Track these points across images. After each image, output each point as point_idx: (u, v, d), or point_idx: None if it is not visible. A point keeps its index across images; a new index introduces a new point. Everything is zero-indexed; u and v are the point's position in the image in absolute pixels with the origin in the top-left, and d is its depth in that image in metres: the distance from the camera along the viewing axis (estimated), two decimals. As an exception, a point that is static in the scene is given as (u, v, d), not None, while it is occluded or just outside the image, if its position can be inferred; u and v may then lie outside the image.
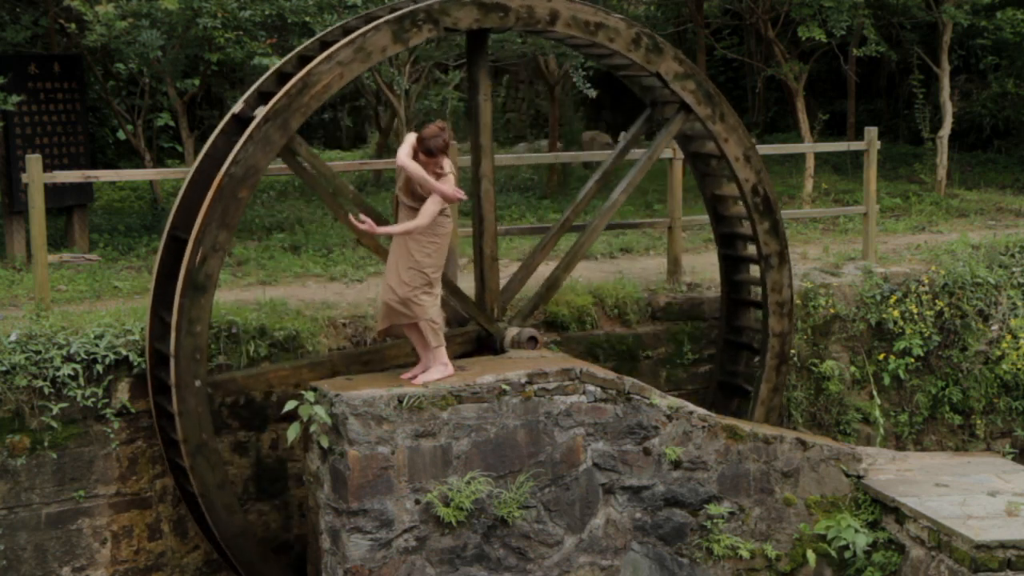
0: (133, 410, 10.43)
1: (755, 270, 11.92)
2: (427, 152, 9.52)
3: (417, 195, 9.63)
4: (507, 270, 13.63)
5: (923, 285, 13.13)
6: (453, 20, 10.20)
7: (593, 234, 11.58)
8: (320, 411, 9.29)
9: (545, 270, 11.82)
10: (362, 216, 9.64)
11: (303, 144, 10.19)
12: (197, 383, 9.66)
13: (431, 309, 9.68)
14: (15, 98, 13.61)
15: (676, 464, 10.16)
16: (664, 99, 11.54)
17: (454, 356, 10.16)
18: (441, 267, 9.77)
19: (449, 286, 10.43)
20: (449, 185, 9.54)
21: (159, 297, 10.10)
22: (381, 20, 10.07)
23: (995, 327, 13.40)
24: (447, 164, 9.67)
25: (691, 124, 11.53)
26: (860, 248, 14.02)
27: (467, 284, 11.21)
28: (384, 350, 10.45)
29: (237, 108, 10.36)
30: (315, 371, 10.27)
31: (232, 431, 10.86)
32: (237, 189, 9.66)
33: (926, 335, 13.08)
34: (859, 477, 10.63)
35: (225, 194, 9.62)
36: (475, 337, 10.81)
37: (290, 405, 9.47)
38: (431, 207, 9.48)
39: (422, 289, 9.60)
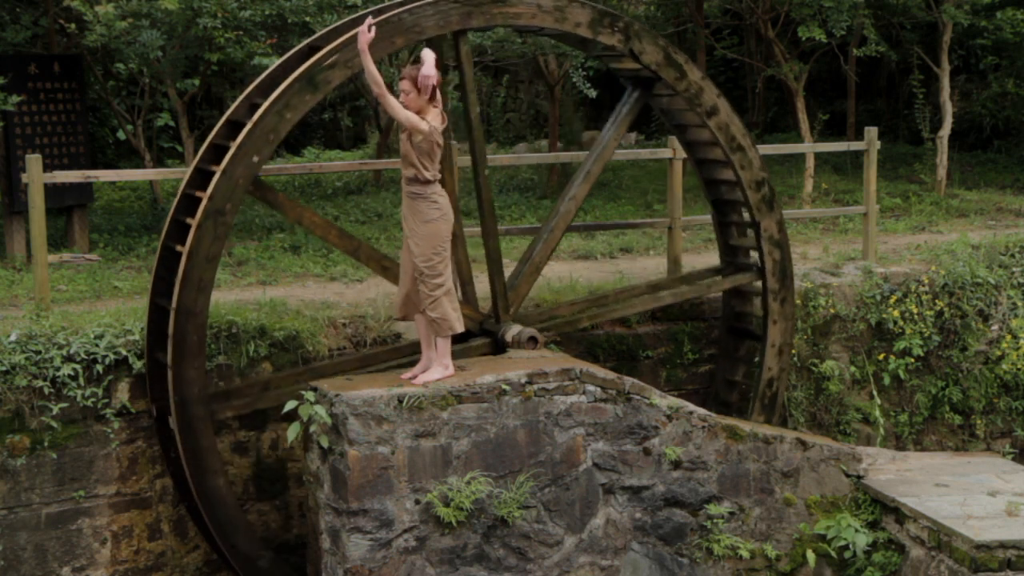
0: (133, 410, 10.44)
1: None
2: (414, 83, 9.54)
3: (409, 161, 9.57)
4: (507, 270, 13.65)
5: (923, 285, 13.13)
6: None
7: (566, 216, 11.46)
8: (320, 411, 9.30)
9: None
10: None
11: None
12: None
13: (448, 312, 9.63)
14: (15, 98, 13.62)
15: (676, 464, 10.16)
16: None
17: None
18: (447, 269, 9.66)
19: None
20: (411, 116, 9.44)
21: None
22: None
23: (995, 327, 13.41)
24: (433, 113, 9.58)
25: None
26: (860, 248, 14.02)
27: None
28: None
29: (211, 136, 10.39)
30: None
31: (232, 431, 10.86)
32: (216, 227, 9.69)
33: (926, 335, 13.08)
34: (859, 477, 10.63)
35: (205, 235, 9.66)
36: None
37: (290, 405, 9.47)
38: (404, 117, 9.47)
39: (433, 297, 9.58)
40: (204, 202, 9.69)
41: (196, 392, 9.73)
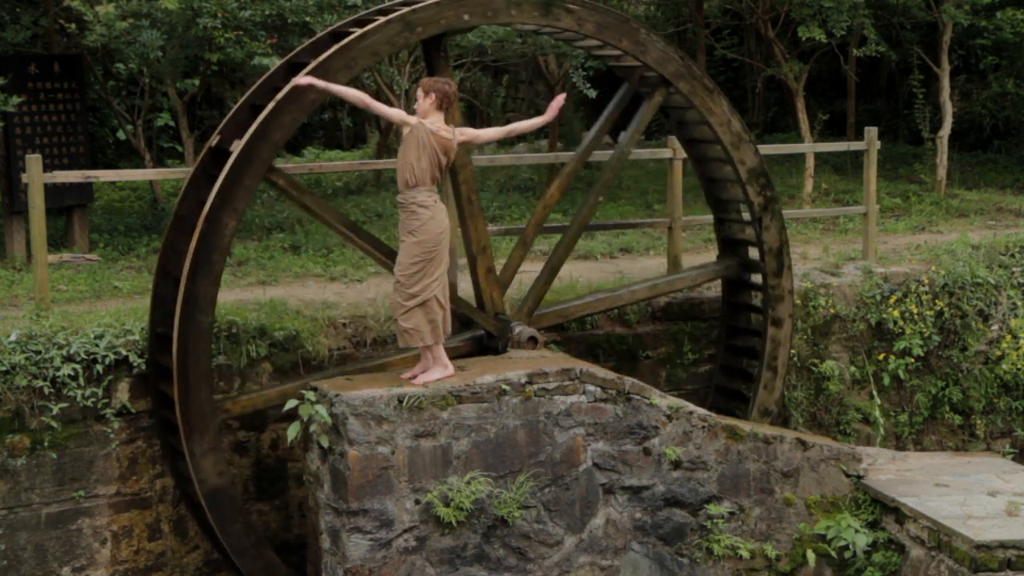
0: (133, 410, 10.44)
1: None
2: (425, 90, 9.70)
3: (399, 163, 9.59)
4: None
5: (923, 285, 13.13)
6: None
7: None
8: (320, 411, 9.29)
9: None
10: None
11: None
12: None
13: (421, 325, 9.59)
14: (16, 99, 13.62)
15: (676, 464, 10.16)
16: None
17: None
18: (424, 280, 9.56)
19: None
20: (399, 111, 9.65)
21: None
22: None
23: (995, 327, 13.40)
24: (437, 118, 9.64)
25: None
26: (860, 248, 14.02)
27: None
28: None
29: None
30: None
31: (232, 431, 10.86)
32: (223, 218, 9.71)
33: (926, 335, 13.08)
34: (859, 477, 10.63)
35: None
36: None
37: (290, 405, 9.47)
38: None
39: (405, 307, 9.55)
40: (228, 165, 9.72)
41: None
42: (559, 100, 10.25)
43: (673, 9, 22.73)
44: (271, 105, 9.75)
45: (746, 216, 11.79)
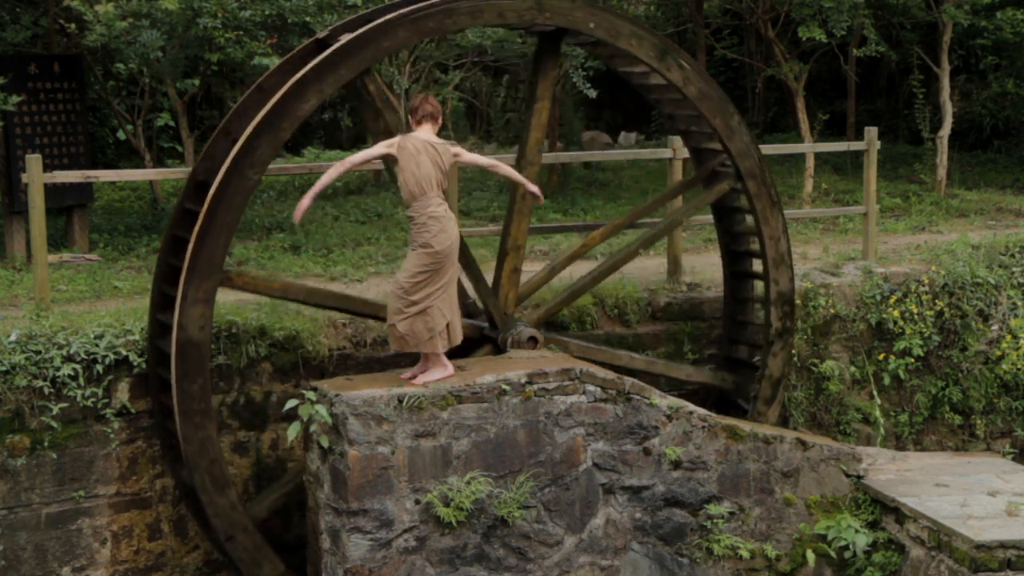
0: (133, 410, 10.44)
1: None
2: (410, 113, 9.86)
3: (408, 191, 9.65)
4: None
5: (923, 285, 13.13)
6: None
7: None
8: (321, 411, 9.29)
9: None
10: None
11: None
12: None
13: (418, 332, 9.60)
14: (15, 98, 13.62)
15: (676, 464, 10.16)
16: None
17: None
18: (427, 289, 9.55)
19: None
20: (379, 145, 9.72)
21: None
22: None
23: (995, 327, 13.40)
24: (424, 130, 9.72)
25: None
26: (860, 248, 14.02)
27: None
28: None
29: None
30: None
31: (232, 431, 10.87)
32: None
33: (926, 335, 13.08)
34: (859, 477, 10.63)
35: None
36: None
37: (290, 404, 9.47)
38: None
39: (405, 313, 9.56)
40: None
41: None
42: (539, 196, 10.35)
43: (673, 9, 22.74)
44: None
45: (758, 337, 11.87)
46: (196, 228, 9.60)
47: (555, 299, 11.47)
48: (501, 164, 10.35)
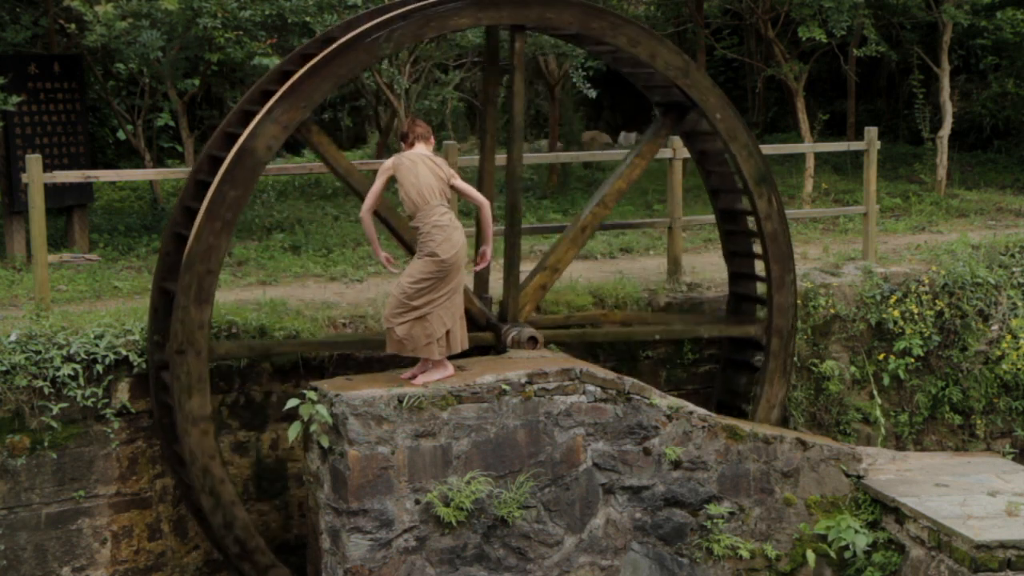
0: (133, 410, 10.44)
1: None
2: (402, 139, 9.98)
3: (410, 202, 9.69)
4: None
5: (923, 285, 13.13)
6: None
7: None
8: (321, 410, 9.30)
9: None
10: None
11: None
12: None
13: (415, 338, 9.62)
14: (15, 98, 13.62)
15: (676, 464, 10.16)
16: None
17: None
18: (428, 296, 9.56)
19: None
20: (379, 175, 9.81)
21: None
22: None
23: (995, 327, 13.40)
24: (418, 149, 9.79)
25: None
26: (860, 248, 14.02)
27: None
28: None
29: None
30: None
31: (232, 431, 10.86)
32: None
33: (926, 335, 13.08)
34: (859, 477, 10.63)
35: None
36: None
37: (290, 404, 9.47)
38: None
39: (403, 318, 9.57)
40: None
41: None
42: (485, 261, 10.28)
43: (673, 9, 22.74)
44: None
45: None
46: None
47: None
48: (487, 208, 10.15)
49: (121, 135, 19.83)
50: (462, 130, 24.39)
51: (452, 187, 9.82)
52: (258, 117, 9.79)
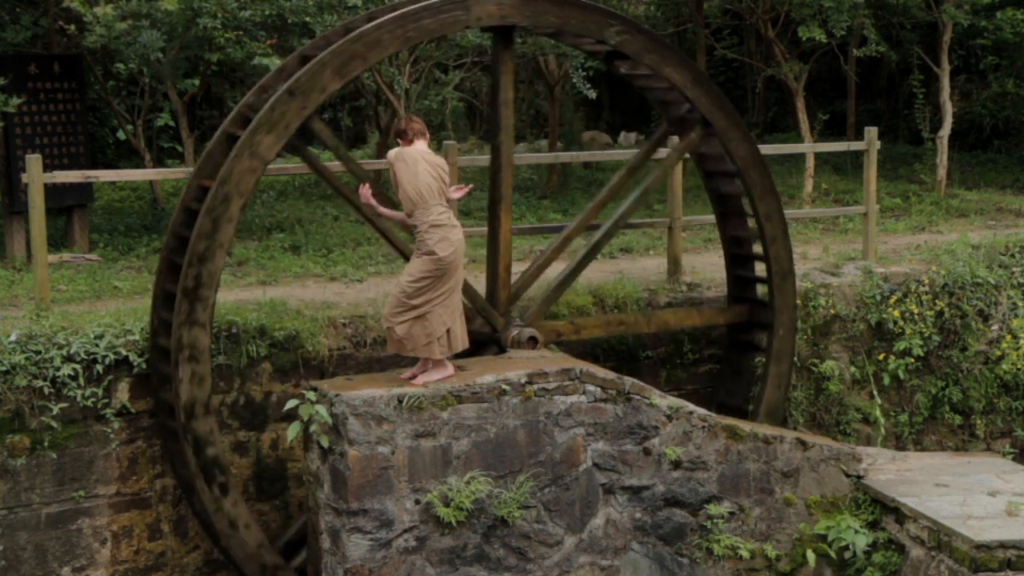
0: (133, 410, 10.44)
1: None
2: (399, 136, 9.90)
3: (408, 200, 9.70)
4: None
5: (923, 285, 13.13)
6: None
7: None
8: (321, 411, 9.29)
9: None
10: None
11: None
12: None
13: (415, 338, 9.62)
14: (16, 100, 13.62)
15: (676, 464, 10.16)
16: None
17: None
18: (427, 295, 9.56)
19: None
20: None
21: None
22: None
23: (995, 327, 13.40)
24: (418, 146, 9.76)
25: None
26: (860, 248, 14.02)
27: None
28: None
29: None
30: None
31: (232, 431, 10.86)
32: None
33: (926, 335, 13.08)
34: (859, 477, 10.63)
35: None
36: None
37: (290, 404, 9.47)
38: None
39: (403, 318, 9.57)
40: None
41: None
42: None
43: (673, 9, 22.73)
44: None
45: None
46: None
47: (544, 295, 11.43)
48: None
49: (121, 135, 19.83)
50: (462, 130, 24.39)
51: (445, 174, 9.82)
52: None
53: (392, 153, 9.75)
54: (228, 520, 9.92)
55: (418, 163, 9.60)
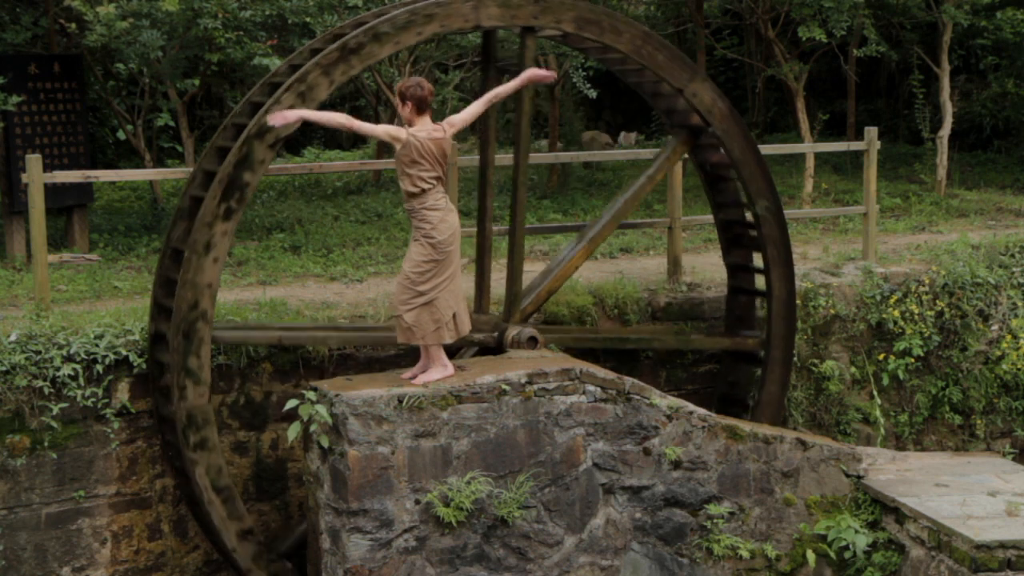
0: (133, 410, 10.44)
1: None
2: (400, 98, 9.63)
3: (399, 175, 9.60)
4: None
5: (923, 285, 13.13)
6: None
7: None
8: (321, 411, 9.29)
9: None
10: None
11: None
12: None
13: (423, 324, 9.61)
14: (16, 98, 13.62)
15: (676, 464, 10.16)
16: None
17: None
18: (434, 280, 9.57)
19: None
20: (384, 128, 9.59)
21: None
22: None
23: (995, 327, 13.40)
24: (422, 121, 9.58)
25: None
26: (860, 248, 14.02)
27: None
28: None
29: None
30: None
31: (232, 431, 10.86)
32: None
33: (926, 335, 13.08)
34: (859, 477, 10.63)
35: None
36: None
37: (290, 405, 9.47)
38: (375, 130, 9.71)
39: (411, 304, 9.56)
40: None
41: None
42: (550, 76, 10.23)
43: (673, 9, 22.74)
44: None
45: None
46: None
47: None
48: (489, 94, 10.02)
49: (121, 135, 19.83)
50: (462, 129, 24.35)
51: (459, 127, 9.65)
52: None
53: (405, 134, 9.48)
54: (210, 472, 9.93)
55: (424, 157, 9.47)
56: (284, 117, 9.43)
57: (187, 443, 9.78)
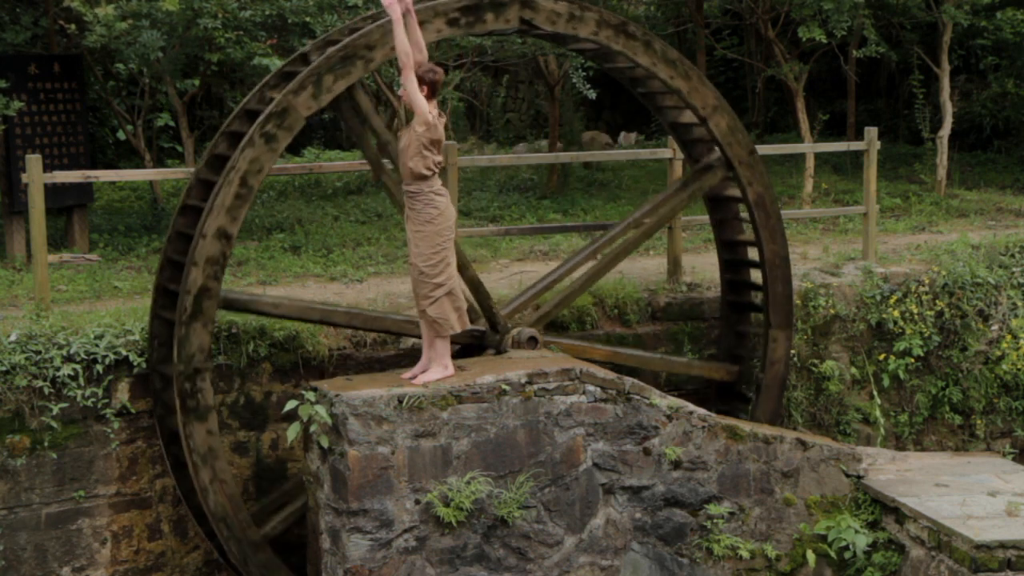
0: (133, 410, 10.44)
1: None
2: (419, 79, 9.48)
3: (408, 155, 9.56)
4: (507, 270, 13.66)
5: (923, 285, 13.13)
6: None
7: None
8: (321, 411, 9.29)
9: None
10: None
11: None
12: None
13: (448, 313, 9.64)
14: (17, 104, 13.65)
15: (676, 464, 10.16)
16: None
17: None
18: (448, 269, 9.63)
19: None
20: (425, 104, 9.42)
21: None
22: None
23: (995, 327, 13.40)
24: (431, 106, 9.52)
25: None
26: (860, 248, 14.02)
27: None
28: None
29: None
30: None
31: (232, 431, 10.87)
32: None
33: (926, 335, 13.08)
34: (859, 477, 10.63)
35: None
36: None
37: (290, 405, 9.47)
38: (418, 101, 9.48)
39: (432, 297, 9.59)
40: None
41: None
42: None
43: (673, 9, 22.74)
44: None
45: None
46: None
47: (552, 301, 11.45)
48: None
49: (121, 135, 19.83)
50: (462, 130, 24.39)
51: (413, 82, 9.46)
52: None
53: (431, 122, 9.43)
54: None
55: (439, 142, 9.49)
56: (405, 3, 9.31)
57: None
